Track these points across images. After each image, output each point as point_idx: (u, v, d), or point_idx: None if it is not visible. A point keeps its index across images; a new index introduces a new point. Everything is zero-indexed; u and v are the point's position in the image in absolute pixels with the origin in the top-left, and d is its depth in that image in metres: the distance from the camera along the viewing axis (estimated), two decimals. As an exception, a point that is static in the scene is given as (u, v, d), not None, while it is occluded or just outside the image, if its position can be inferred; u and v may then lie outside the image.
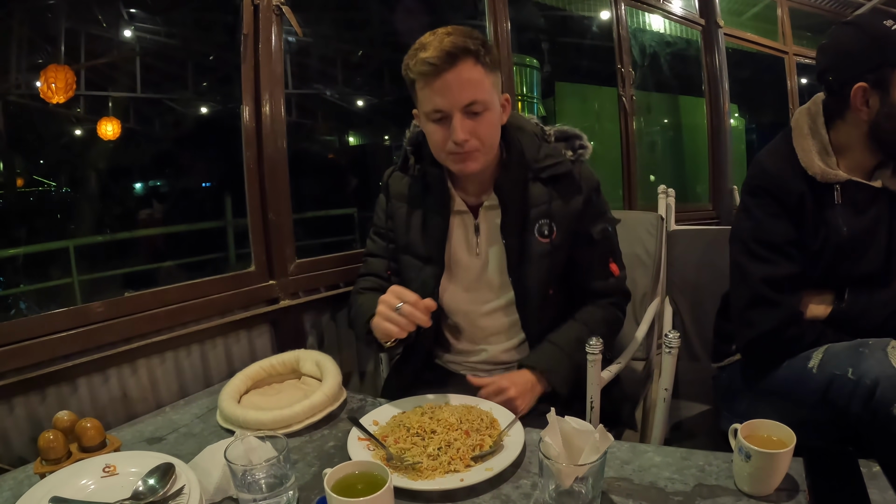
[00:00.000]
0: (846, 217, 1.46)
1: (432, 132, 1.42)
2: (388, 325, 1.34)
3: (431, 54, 1.31)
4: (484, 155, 1.42)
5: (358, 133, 5.93)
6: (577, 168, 1.52)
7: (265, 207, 2.01)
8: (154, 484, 1.01)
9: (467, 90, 1.33)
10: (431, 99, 1.36)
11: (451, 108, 1.35)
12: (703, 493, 1.00)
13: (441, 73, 1.32)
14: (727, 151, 4.44)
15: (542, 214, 1.50)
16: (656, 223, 2.11)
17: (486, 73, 1.36)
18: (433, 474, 1.08)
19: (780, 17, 5.20)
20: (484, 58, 1.34)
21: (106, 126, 3.49)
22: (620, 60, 3.75)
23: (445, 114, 1.36)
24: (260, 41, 1.96)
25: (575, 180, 1.51)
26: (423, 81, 1.36)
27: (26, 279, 2.92)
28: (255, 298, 1.98)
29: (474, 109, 1.35)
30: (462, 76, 1.32)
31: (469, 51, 1.32)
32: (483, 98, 1.35)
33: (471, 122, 1.36)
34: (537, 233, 1.50)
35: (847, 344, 1.34)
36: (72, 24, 2.97)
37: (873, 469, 1.02)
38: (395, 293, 1.36)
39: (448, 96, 1.34)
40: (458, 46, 1.31)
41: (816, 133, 1.50)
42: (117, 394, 1.64)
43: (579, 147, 1.56)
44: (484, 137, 1.39)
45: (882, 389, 1.18)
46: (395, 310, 1.33)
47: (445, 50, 1.30)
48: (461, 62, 1.31)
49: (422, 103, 1.41)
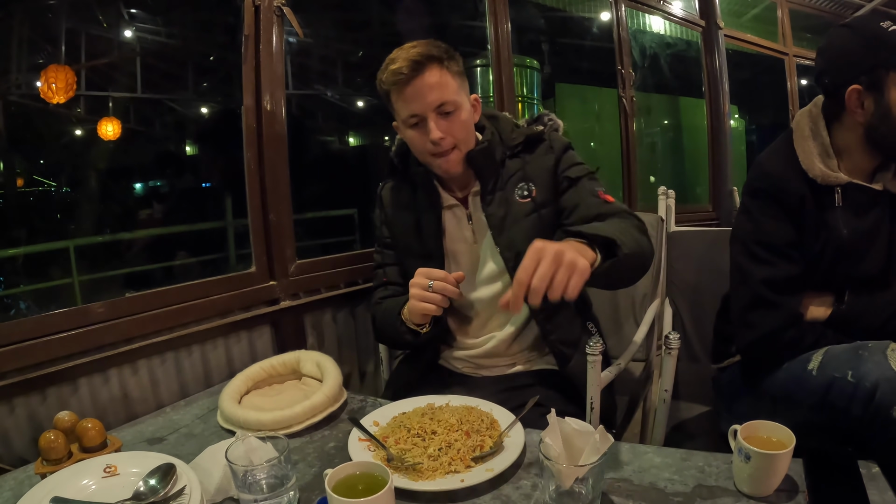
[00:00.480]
0: (847, 219, 1.45)
1: (412, 137, 1.53)
2: (425, 305, 1.44)
3: (400, 65, 1.44)
4: (461, 152, 1.54)
5: (358, 134, 5.93)
6: (547, 134, 1.64)
7: (266, 208, 2.01)
8: (155, 484, 1.01)
9: (436, 92, 1.46)
10: (406, 105, 1.48)
11: (424, 110, 1.47)
12: (702, 493, 1.00)
13: (410, 80, 1.44)
14: (727, 153, 4.44)
15: (519, 179, 1.59)
16: (656, 224, 2.11)
17: (452, 76, 1.49)
18: (434, 475, 1.08)
19: (780, 18, 5.21)
20: (448, 63, 1.48)
21: (106, 126, 3.48)
22: (621, 62, 3.75)
23: (420, 117, 1.48)
24: (261, 42, 1.97)
25: (545, 142, 1.62)
26: (395, 91, 1.48)
27: (26, 279, 2.92)
28: (255, 299, 1.98)
29: (445, 109, 1.48)
30: (430, 81, 1.45)
31: (433, 57, 1.46)
32: (452, 98, 1.48)
33: (444, 122, 1.48)
34: (517, 195, 1.58)
35: (847, 346, 1.34)
36: (72, 24, 2.97)
37: (872, 470, 1.02)
38: (423, 274, 1.47)
39: (420, 100, 1.46)
40: (423, 55, 1.44)
41: (818, 135, 1.50)
42: (118, 394, 1.64)
43: (548, 121, 1.71)
44: (458, 134, 1.51)
45: (882, 392, 1.18)
46: (427, 289, 1.44)
47: (412, 59, 1.43)
48: (427, 68, 1.45)
49: (398, 112, 1.52)
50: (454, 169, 1.55)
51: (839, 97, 1.44)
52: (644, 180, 4.19)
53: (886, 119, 1.39)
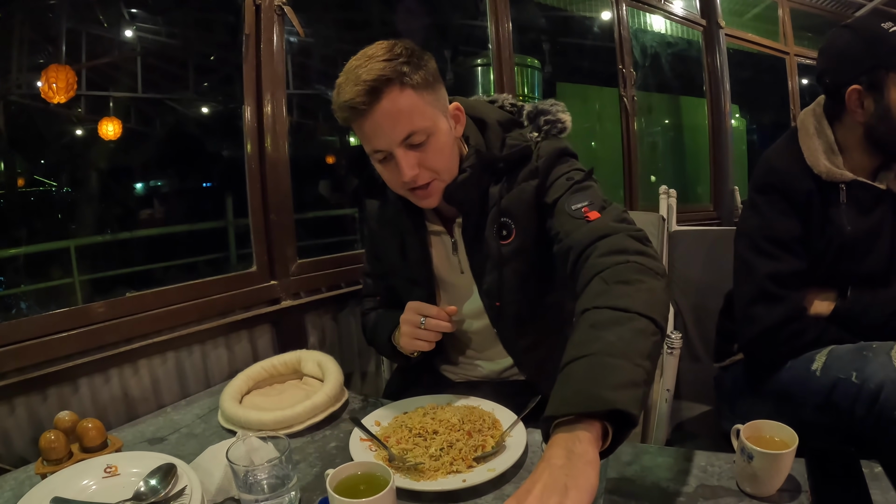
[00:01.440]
0: (850, 216, 1.46)
1: (382, 172, 1.29)
2: (417, 343, 1.37)
3: (349, 96, 1.15)
4: (443, 182, 1.28)
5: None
6: (538, 148, 1.35)
7: (266, 208, 2.01)
8: (155, 484, 1.00)
9: (401, 123, 1.17)
10: (368, 141, 1.23)
11: (388, 146, 1.20)
12: (705, 493, 1.00)
13: (366, 113, 1.16)
14: (728, 152, 4.44)
15: (499, 213, 1.35)
16: (657, 224, 2.11)
17: (419, 94, 1.19)
18: (435, 475, 1.08)
19: (781, 17, 5.20)
20: (411, 78, 1.17)
21: (107, 126, 3.49)
22: (622, 61, 3.75)
23: (386, 153, 1.22)
24: (261, 41, 1.96)
25: (528, 163, 1.34)
26: (353, 124, 1.21)
27: (27, 279, 2.93)
28: (256, 299, 1.98)
29: (414, 141, 1.20)
30: (389, 109, 1.16)
31: (390, 79, 1.15)
32: (421, 126, 1.19)
33: (416, 154, 1.21)
34: (496, 234, 1.36)
35: (851, 347, 1.34)
36: (73, 24, 2.97)
37: (875, 470, 1.02)
38: (415, 309, 1.38)
39: (382, 135, 1.19)
40: (375, 78, 1.14)
41: (822, 133, 1.51)
42: (118, 394, 1.64)
43: (544, 123, 1.38)
44: (435, 166, 1.25)
45: (886, 393, 1.17)
46: (419, 327, 1.36)
47: (365, 85, 1.14)
48: (385, 94, 1.15)
49: (364, 144, 1.27)
50: (435, 203, 1.31)
51: (840, 97, 1.45)
52: (645, 180, 4.19)
53: (886, 119, 1.40)
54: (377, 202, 1.52)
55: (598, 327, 0.94)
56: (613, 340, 0.90)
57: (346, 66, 1.19)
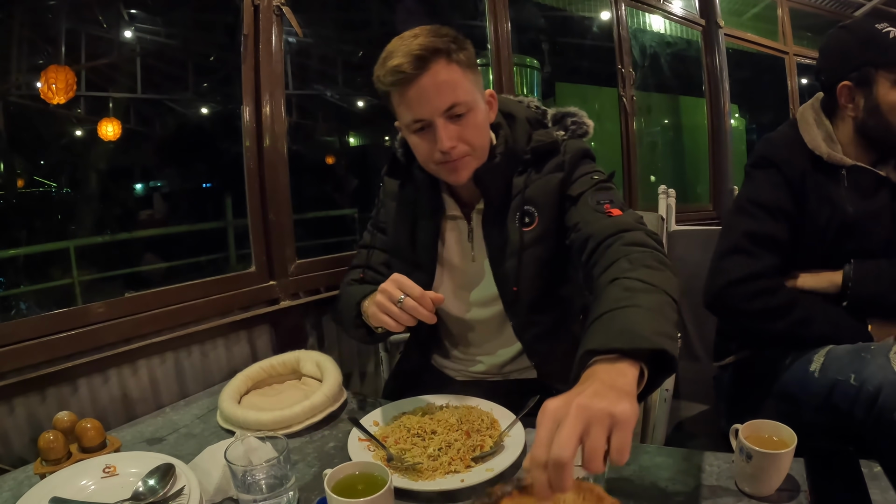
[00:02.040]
0: (852, 199, 1.49)
1: (416, 144, 1.33)
2: (385, 318, 1.22)
3: (400, 61, 1.20)
4: (475, 160, 1.33)
5: (358, 134, 5.93)
6: (564, 145, 1.42)
7: (265, 208, 2.01)
8: (154, 484, 1.01)
9: (445, 93, 1.23)
10: (409, 109, 1.26)
11: (431, 115, 1.25)
12: (704, 493, 1.00)
13: (414, 79, 1.21)
14: (728, 151, 4.44)
15: (521, 201, 1.40)
16: (657, 223, 2.11)
17: (463, 71, 1.26)
18: (434, 475, 1.08)
19: (781, 17, 5.20)
20: (457, 55, 1.24)
21: (106, 127, 3.48)
22: (621, 61, 3.75)
23: (427, 122, 1.26)
24: (260, 42, 1.97)
25: (557, 155, 1.41)
26: (397, 92, 1.26)
27: (27, 280, 2.92)
28: (255, 299, 1.98)
29: (456, 112, 1.25)
30: (437, 79, 1.22)
31: (439, 50, 1.21)
32: (464, 99, 1.25)
33: (455, 127, 1.27)
34: (518, 221, 1.40)
35: (849, 347, 1.34)
36: (72, 25, 2.97)
37: (874, 469, 1.02)
38: (397, 283, 1.22)
39: (426, 103, 1.24)
40: (426, 48, 1.20)
41: (821, 124, 1.55)
42: (117, 394, 1.64)
43: (571, 124, 1.47)
44: (472, 140, 1.30)
45: (885, 395, 1.17)
46: (396, 302, 1.20)
47: (414, 54, 1.20)
48: (433, 64, 1.21)
49: (400, 115, 1.31)
50: (464, 179, 1.34)
51: (834, 93, 1.52)
52: (644, 179, 4.19)
53: (875, 114, 1.46)
54: (397, 182, 1.55)
55: (632, 291, 0.99)
56: (650, 301, 0.96)
57: (391, 43, 1.26)
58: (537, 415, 0.77)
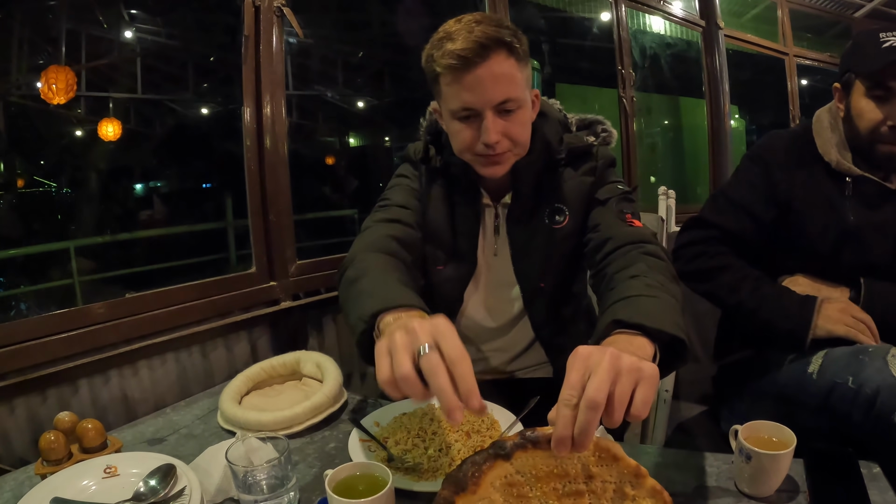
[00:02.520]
0: (855, 208, 1.48)
1: (458, 131, 1.28)
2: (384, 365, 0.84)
3: (461, 45, 1.17)
4: (515, 156, 1.32)
5: (358, 134, 5.93)
6: (597, 151, 1.43)
7: (266, 209, 2.01)
8: (155, 485, 1.01)
9: (501, 86, 1.20)
10: (460, 95, 1.22)
11: (482, 105, 1.22)
12: (703, 494, 1.00)
13: (472, 66, 1.18)
14: (728, 152, 4.45)
15: (554, 199, 1.40)
16: (657, 224, 2.11)
17: (520, 66, 1.24)
18: (434, 476, 1.08)
19: (781, 18, 5.21)
20: (517, 50, 1.22)
21: (107, 127, 3.49)
22: (621, 62, 3.75)
23: (475, 112, 1.23)
24: (261, 43, 1.97)
25: (591, 158, 1.42)
26: (450, 76, 1.21)
27: (27, 280, 2.93)
28: (255, 300, 1.98)
29: (507, 107, 1.23)
30: (495, 70, 1.19)
31: (502, 42, 1.18)
32: (517, 95, 1.23)
33: (503, 122, 1.24)
34: (547, 219, 1.41)
35: (847, 350, 1.34)
36: (73, 25, 2.97)
37: (874, 470, 1.02)
38: (433, 328, 0.83)
39: (480, 93, 1.20)
40: (490, 37, 1.17)
41: (836, 128, 1.55)
42: (118, 395, 1.64)
43: (602, 131, 1.46)
44: (516, 137, 1.28)
45: (883, 398, 1.17)
46: (418, 355, 0.81)
47: (478, 41, 1.16)
48: (494, 55, 1.18)
49: (447, 99, 1.26)
50: (501, 174, 1.33)
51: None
52: (645, 180, 4.20)
53: (848, 119, 1.50)
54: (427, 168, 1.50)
55: (653, 287, 1.05)
56: (669, 300, 1.02)
57: (448, 24, 1.23)
58: (568, 359, 0.77)
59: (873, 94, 1.42)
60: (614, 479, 0.81)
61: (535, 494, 0.80)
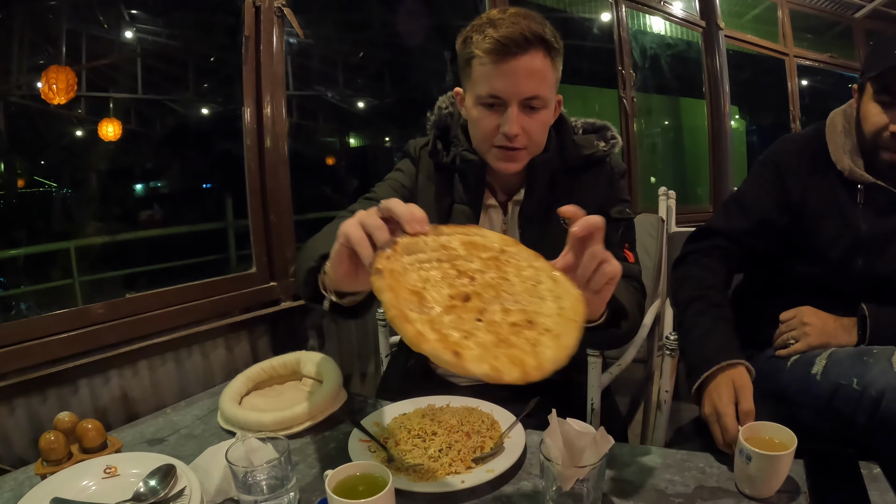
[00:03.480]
0: (867, 217, 1.47)
1: (480, 118, 1.30)
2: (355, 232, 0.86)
3: (505, 33, 1.19)
4: (529, 155, 1.34)
5: (359, 134, 5.92)
6: (609, 157, 1.47)
7: (266, 209, 2.02)
8: (155, 485, 1.01)
9: (532, 81, 1.23)
10: (491, 81, 1.24)
11: (510, 96, 1.24)
12: (703, 495, 1.00)
13: (511, 56, 1.20)
14: (728, 153, 4.45)
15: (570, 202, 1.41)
16: (657, 225, 2.11)
17: (553, 68, 1.27)
18: (434, 476, 1.08)
19: (781, 18, 5.21)
20: (555, 52, 1.26)
21: (107, 127, 3.48)
22: (621, 62, 3.76)
23: (501, 101, 1.26)
24: (261, 43, 1.97)
25: (606, 168, 1.45)
26: (487, 59, 1.23)
27: (27, 280, 2.93)
28: (256, 300, 1.99)
29: (533, 104, 1.26)
30: (530, 65, 1.22)
31: (545, 41, 1.22)
32: (545, 94, 1.26)
33: (525, 118, 1.27)
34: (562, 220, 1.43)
35: (851, 351, 1.34)
36: (73, 25, 2.97)
37: (874, 471, 1.02)
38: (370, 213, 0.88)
39: (511, 83, 1.23)
40: (534, 32, 1.20)
41: (850, 133, 1.54)
42: (118, 395, 1.65)
43: (611, 138, 1.49)
44: (534, 136, 1.30)
45: (887, 400, 1.17)
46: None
47: (521, 32, 1.19)
48: (533, 50, 1.21)
49: (476, 83, 1.27)
50: (514, 170, 1.34)
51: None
52: (645, 181, 4.20)
53: (858, 122, 1.49)
54: (433, 163, 1.50)
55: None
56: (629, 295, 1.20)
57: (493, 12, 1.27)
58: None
59: (880, 98, 1.42)
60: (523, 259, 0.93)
61: (461, 254, 0.87)
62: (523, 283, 0.87)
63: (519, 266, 0.90)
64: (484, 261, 0.88)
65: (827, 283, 1.52)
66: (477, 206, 1.46)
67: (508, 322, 0.79)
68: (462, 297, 0.81)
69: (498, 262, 0.89)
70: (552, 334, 0.78)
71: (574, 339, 0.79)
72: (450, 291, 0.81)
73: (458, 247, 0.88)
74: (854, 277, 1.49)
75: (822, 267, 1.51)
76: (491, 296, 0.82)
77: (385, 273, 0.78)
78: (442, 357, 0.71)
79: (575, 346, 0.78)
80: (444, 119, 1.51)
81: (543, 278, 0.89)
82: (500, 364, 0.72)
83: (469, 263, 0.86)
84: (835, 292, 1.50)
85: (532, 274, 0.89)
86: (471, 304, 0.80)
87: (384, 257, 0.81)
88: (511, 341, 0.76)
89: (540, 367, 0.73)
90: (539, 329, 0.79)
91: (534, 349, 0.75)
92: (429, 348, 0.72)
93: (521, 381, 0.71)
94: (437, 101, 1.53)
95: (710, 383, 1.29)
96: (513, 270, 0.89)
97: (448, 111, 1.51)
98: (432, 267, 0.84)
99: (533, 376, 0.72)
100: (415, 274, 0.81)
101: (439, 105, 1.51)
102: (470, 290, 0.82)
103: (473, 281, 0.84)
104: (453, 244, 0.88)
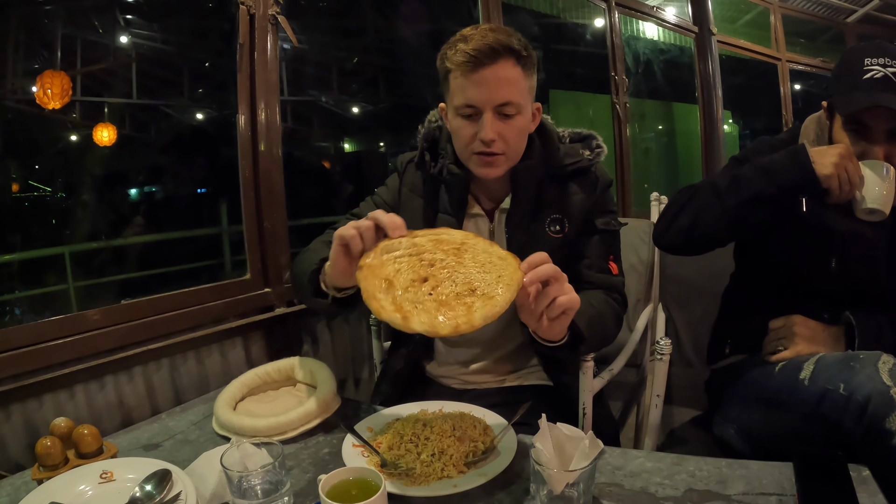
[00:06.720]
0: (836, 219, 1.48)
1: (459, 128, 1.38)
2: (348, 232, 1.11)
3: (475, 46, 1.28)
4: (508, 161, 1.39)
5: (353, 140, 5.93)
6: (594, 166, 1.51)
7: (260, 215, 2.02)
8: (151, 490, 1.01)
9: (504, 89, 1.31)
10: (465, 91, 1.33)
11: (483, 104, 1.32)
12: (693, 498, 1.01)
13: (480, 66, 1.29)
14: (721, 158, 4.47)
15: (556, 210, 1.48)
16: (649, 230, 2.12)
17: (525, 75, 1.34)
18: (427, 480, 1.09)
19: (773, 24, 5.25)
20: (524, 61, 1.33)
21: (102, 132, 3.48)
22: (614, 68, 3.78)
23: (476, 110, 1.33)
24: (256, 50, 1.98)
25: (592, 176, 1.50)
26: (459, 72, 1.32)
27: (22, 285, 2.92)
28: (250, 306, 1.99)
29: (507, 111, 1.33)
30: (500, 74, 1.30)
31: (512, 50, 1.30)
32: (517, 100, 1.33)
33: (500, 124, 1.33)
34: (548, 227, 1.47)
35: (838, 356, 1.34)
36: (68, 30, 2.97)
37: (863, 473, 1.03)
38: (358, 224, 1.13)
39: (483, 92, 1.31)
40: (501, 43, 1.28)
41: (822, 139, 1.56)
42: (114, 400, 1.65)
43: (596, 147, 1.53)
44: (511, 141, 1.36)
45: (874, 405, 1.17)
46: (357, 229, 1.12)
47: (488, 44, 1.28)
48: (502, 59, 1.29)
49: (454, 95, 1.36)
50: (494, 175, 1.40)
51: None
52: (638, 186, 4.21)
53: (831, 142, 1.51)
54: (420, 174, 1.58)
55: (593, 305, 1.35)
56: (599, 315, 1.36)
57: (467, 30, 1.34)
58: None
59: (849, 127, 1.44)
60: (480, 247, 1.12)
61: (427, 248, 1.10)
62: (477, 264, 1.07)
63: (475, 252, 1.10)
64: (446, 252, 1.09)
65: (809, 286, 1.54)
66: (460, 215, 1.52)
67: (455, 293, 1.02)
68: (421, 280, 1.04)
69: (458, 252, 1.10)
70: (486, 297, 1.01)
71: (505, 299, 1.00)
72: (412, 276, 1.05)
73: (426, 243, 1.11)
74: (832, 278, 1.51)
75: (801, 269, 1.53)
76: (444, 276, 1.05)
77: (364, 268, 1.06)
78: (393, 320, 0.98)
79: (505, 305, 1.00)
80: (432, 132, 1.57)
81: (494, 259, 1.09)
82: (436, 322, 0.97)
83: (433, 255, 1.08)
84: (818, 294, 1.52)
85: (485, 258, 1.09)
86: (427, 283, 1.04)
87: (367, 258, 1.08)
88: (451, 305, 1.00)
89: (469, 322, 0.97)
90: (478, 295, 1.02)
91: (468, 310, 0.99)
92: (385, 315, 0.99)
93: (453, 333, 0.96)
94: (430, 106, 1.58)
95: (815, 163, 1.36)
96: (469, 256, 1.09)
97: (437, 124, 1.57)
98: (404, 260, 1.07)
99: (462, 329, 0.96)
100: (390, 266, 1.06)
101: (429, 119, 1.58)
102: (427, 273, 1.05)
103: (433, 266, 1.06)
104: (423, 242, 1.11)
